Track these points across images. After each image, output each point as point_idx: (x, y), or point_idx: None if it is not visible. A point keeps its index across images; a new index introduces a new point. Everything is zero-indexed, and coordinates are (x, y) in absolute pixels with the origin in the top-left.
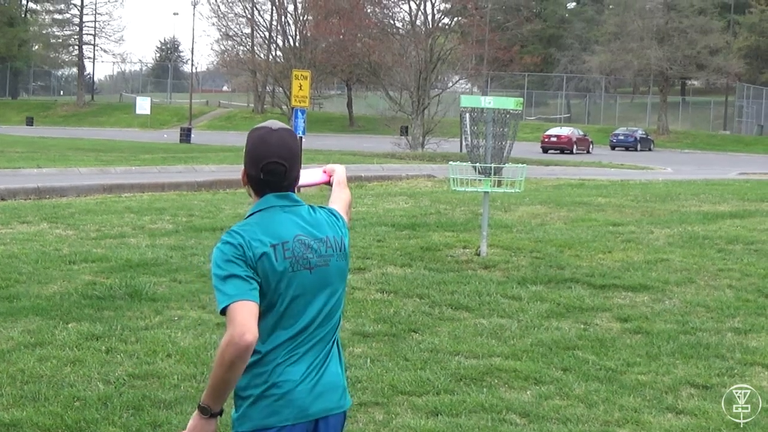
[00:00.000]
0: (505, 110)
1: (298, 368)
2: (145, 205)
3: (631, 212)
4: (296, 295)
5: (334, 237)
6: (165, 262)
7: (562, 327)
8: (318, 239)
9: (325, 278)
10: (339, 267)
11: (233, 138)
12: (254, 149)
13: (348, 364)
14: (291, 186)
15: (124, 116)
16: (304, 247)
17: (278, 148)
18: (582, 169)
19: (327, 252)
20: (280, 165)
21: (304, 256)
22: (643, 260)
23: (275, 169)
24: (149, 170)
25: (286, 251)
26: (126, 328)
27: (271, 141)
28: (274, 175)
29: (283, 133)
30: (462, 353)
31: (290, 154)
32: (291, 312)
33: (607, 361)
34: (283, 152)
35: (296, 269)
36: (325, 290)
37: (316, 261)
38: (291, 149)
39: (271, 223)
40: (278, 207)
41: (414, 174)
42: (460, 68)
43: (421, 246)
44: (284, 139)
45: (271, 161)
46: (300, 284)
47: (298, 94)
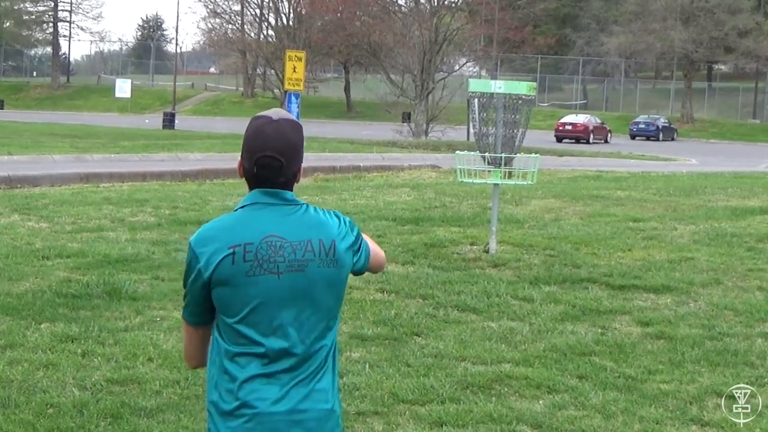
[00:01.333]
0: (517, 96)
1: (274, 387)
2: (124, 195)
3: (652, 207)
4: (260, 302)
5: (320, 240)
6: (146, 257)
7: (578, 331)
8: (295, 242)
9: (301, 286)
10: (324, 275)
11: (220, 124)
12: (250, 140)
13: (345, 370)
14: (289, 183)
15: (103, 100)
16: (273, 249)
17: (276, 140)
18: (599, 159)
19: (304, 256)
20: (276, 159)
21: (270, 259)
22: (666, 259)
23: (269, 164)
24: (129, 158)
25: (247, 253)
26: (104, 329)
27: (269, 132)
28: (268, 170)
29: (283, 124)
30: (469, 359)
31: (289, 148)
32: (254, 320)
33: (627, 369)
34: (281, 146)
35: (258, 273)
36: (300, 300)
37: (288, 265)
38: (290, 143)
39: (243, 222)
40: (262, 204)
41: (417, 164)
42: (468, 50)
43: (424, 242)
44: (283, 131)
45: (266, 155)
46: (264, 290)
47: (292, 76)
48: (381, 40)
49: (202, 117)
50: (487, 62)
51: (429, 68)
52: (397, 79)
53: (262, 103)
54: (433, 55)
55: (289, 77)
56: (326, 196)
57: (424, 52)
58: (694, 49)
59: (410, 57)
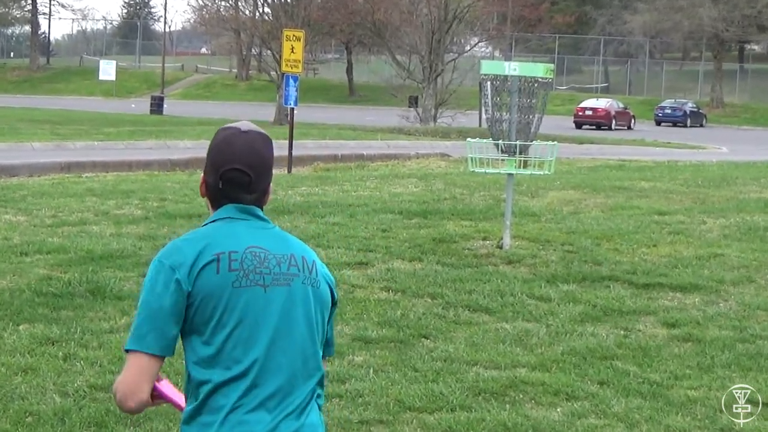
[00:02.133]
0: (533, 78)
1: (260, 417)
2: (109, 186)
3: (679, 199)
4: (243, 318)
5: (303, 257)
6: (133, 253)
7: (599, 333)
8: (278, 255)
9: (287, 303)
10: (308, 293)
11: (212, 108)
12: (216, 152)
13: (347, 375)
14: (258, 200)
15: (85, 83)
16: (258, 260)
17: (244, 153)
18: (622, 147)
19: (290, 270)
20: (244, 174)
21: (255, 270)
22: (694, 255)
23: (236, 178)
24: (114, 146)
25: (232, 261)
26: (87, 330)
27: (237, 144)
28: (234, 186)
29: (253, 136)
30: (481, 363)
31: (258, 162)
32: (238, 340)
33: (651, 374)
34: (250, 159)
35: (244, 284)
36: (288, 318)
37: (273, 278)
38: (261, 156)
39: (221, 231)
40: (236, 219)
41: (425, 152)
42: (480, 29)
43: (433, 237)
44: (253, 144)
45: (233, 168)
46: (249, 304)
47: (290, 57)
48: (386, 18)
49: (193, 101)
50: (501, 42)
51: (438, 48)
52: (403, 61)
53: (258, 86)
54: (442, 35)
55: (286, 58)
56: (327, 187)
57: (432, 31)
58: (725, 27)
59: (417, 36)
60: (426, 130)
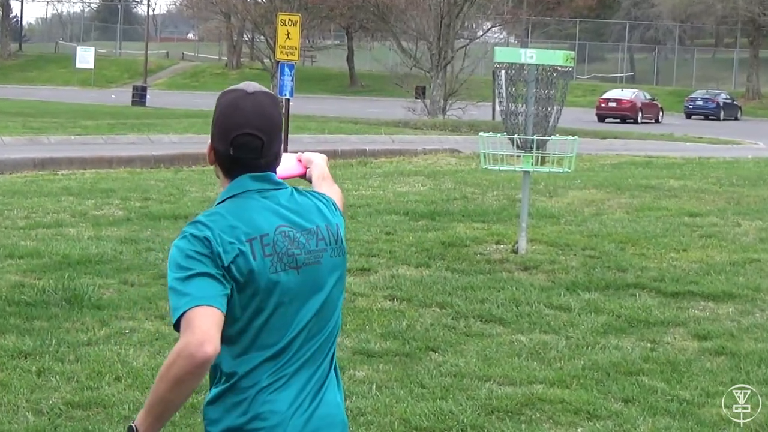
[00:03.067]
0: (551, 67)
1: (286, 395)
2: (87, 185)
3: (712, 199)
4: (280, 302)
5: (327, 226)
6: (113, 258)
7: (623, 346)
8: (305, 230)
9: (317, 280)
10: (334, 264)
11: (200, 100)
12: (223, 118)
13: (349, 391)
14: (271, 165)
15: (61, 71)
16: (289, 240)
17: (254, 116)
18: (649, 143)
19: (318, 246)
20: (256, 138)
21: (288, 253)
22: (728, 261)
23: (249, 143)
24: (93, 141)
25: (265, 246)
26: (63, 343)
27: (246, 107)
28: (248, 151)
29: (261, 97)
30: (494, 379)
31: (270, 125)
32: (274, 324)
33: (681, 391)
34: (261, 122)
35: (280, 269)
36: (317, 295)
37: (305, 258)
38: (271, 118)
39: (245, 211)
40: (255, 191)
41: (433, 148)
42: (494, 12)
43: (441, 241)
44: (262, 105)
45: (244, 132)
46: (285, 289)
47: (285, 44)
48: (390, 1)
49: (179, 91)
50: (517, 27)
51: (447, 34)
52: (409, 47)
53: (250, 75)
54: (452, 19)
55: (281, 45)
56: None
57: (441, 14)
58: (762, 11)
59: (425, 20)
60: (434, 123)
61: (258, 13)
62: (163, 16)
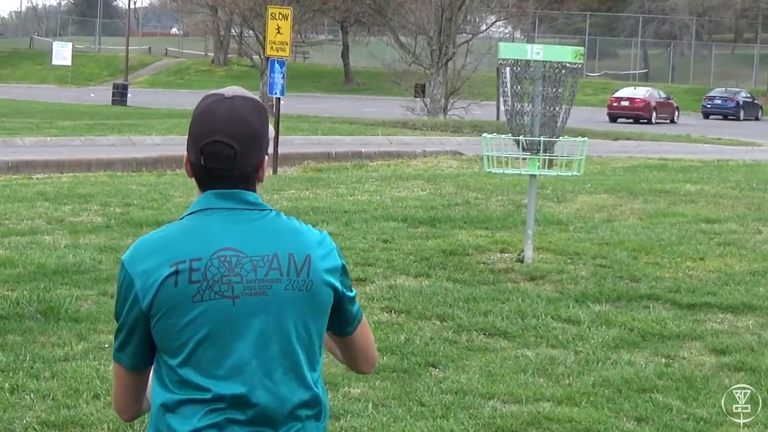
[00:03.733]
0: (560, 63)
1: None
2: (64, 190)
3: (731, 204)
4: (208, 335)
5: (291, 255)
6: (92, 268)
7: (636, 361)
8: (257, 257)
9: (261, 315)
10: (292, 301)
11: (185, 98)
12: (196, 123)
13: (343, 410)
14: (247, 178)
15: (36, 68)
16: (227, 266)
17: (228, 122)
18: (664, 144)
19: (268, 276)
20: (226, 146)
21: (222, 280)
22: (748, 270)
23: (220, 152)
24: (70, 142)
25: (193, 272)
26: (38, 358)
27: (220, 112)
28: (218, 161)
29: (238, 102)
30: (498, 396)
31: (245, 132)
32: (201, 359)
33: (698, 409)
34: (235, 128)
35: (207, 298)
36: (262, 333)
37: (245, 288)
38: (247, 125)
39: (189, 233)
40: (217, 210)
41: (433, 150)
42: (498, 6)
43: (442, 249)
44: (238, 111)
45: (214, 140)
46: (213, 320)
47: (275, 39)
48: None
49: (162, 90)
50: (523, 21)
51: (449, 29)
52: (408, 43)
53: (238, 72)
54: (453, 12)
55: (271, 40)
56: (318, 191)
57: (442, 7)
58: None
59: (425, 14)
60: (434, 123)
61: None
62: (146, 10)
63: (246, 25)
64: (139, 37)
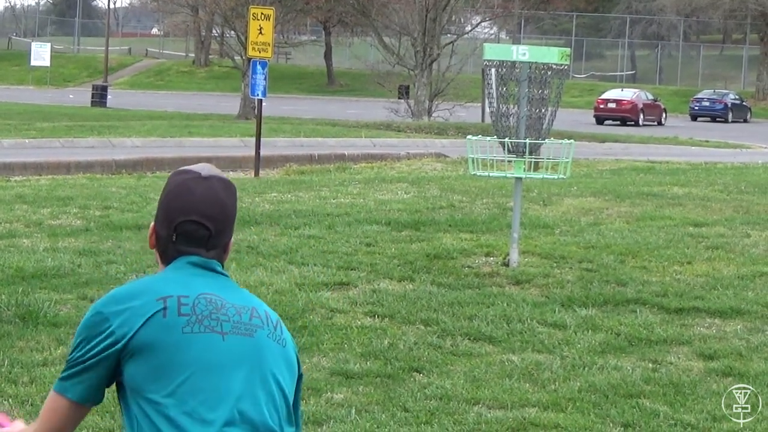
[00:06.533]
0: (546, 65)
1: None
2: (43, 192)
3: (719, 208)
4: (199, 369)
5: (266, 312)
6: (71, 272)
7: (623, 366)
8: (238, 305)
9: (251, 352)
10: (275, 348)
11: (165, 100)
12: (170, 199)
13: (326, 415)
14: (218, 258)
15: (14, 69)
16: (214, 305)
17: (205, 203)
18: (651, 147)
19: (252, 321)
20: (203, 227)
21: (211, 316)
22: (736, 274)
23: (194, 232)
24: (49, 144)
25: (182, 306)
26: (16, 363)
27: (196, 191)
28: (191, 241)
29: (215, 183)
30: (483, 401)
31: (221, 214)
32: (191, 393)
33: (685, 415)
34: (212, 210)
35: (197, 330)
36: (253, 369)
37: (233, 326)
38: (223, 207)
39: (170, 280)
40: (191, 265)
41: (417, 152)
42: (483, 6)
43: (426, 252)
44: (215, 192)
45: (191, 219)
46: (205, 353)
47: (257, 40)
48: None
49: (142, 91)
50: (508, 22)
51: (433, 29)
52: (391, 43)
53: (219, 73)
54: (438, 13)
55: (253, 41)
56: (301, 194)
57: (426, 8)
58: None
59: (409, 14)
60: (419, 125)
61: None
62: (125, 10)
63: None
64: (119, 38)
